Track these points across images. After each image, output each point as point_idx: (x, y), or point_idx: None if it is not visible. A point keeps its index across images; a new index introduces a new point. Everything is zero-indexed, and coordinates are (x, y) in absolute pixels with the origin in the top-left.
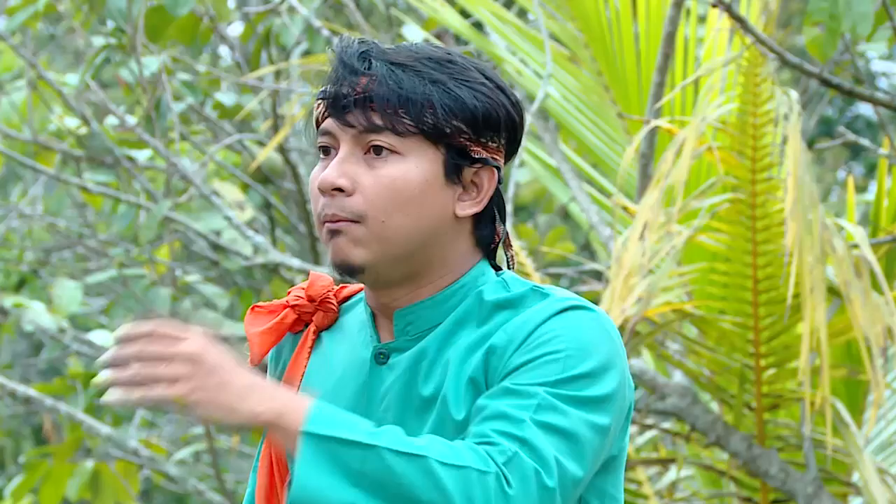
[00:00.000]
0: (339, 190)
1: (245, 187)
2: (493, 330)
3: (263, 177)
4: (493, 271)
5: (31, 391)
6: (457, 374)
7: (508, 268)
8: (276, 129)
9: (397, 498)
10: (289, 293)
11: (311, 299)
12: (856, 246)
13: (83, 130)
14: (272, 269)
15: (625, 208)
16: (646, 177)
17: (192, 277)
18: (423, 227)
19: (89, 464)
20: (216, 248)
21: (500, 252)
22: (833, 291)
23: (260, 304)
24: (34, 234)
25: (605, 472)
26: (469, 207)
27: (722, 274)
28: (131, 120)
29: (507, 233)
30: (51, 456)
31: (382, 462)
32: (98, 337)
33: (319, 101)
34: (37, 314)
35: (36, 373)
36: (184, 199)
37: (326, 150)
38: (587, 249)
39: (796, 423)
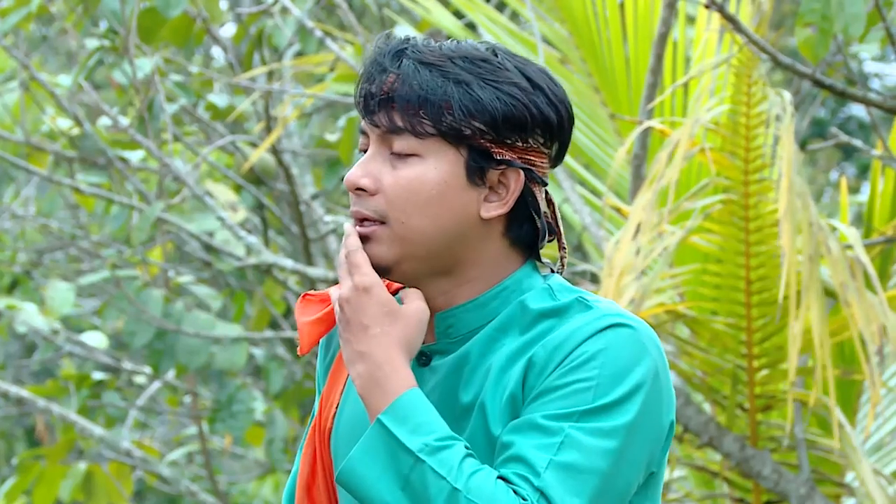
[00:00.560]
0: (363, 189)
1: (238, 188)
2: (534, 339)
3: (256, 178)
4: (539, 276)
5: (24, 392)
6: (496, 385)
7: (558, 271)
8: (268, 130)
9: None
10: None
11: None
12: (849, 247)
13: (76, 131)
14: (265, 270)
15: (617, 209)
16: (639, 178)
17: (185, 278)
18: (444, 228)
19: (82, 465)
20: (209, 249)
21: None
22: (827, 292)
23: (311, 292)
24: (27, 235)
25: (644, 487)
26: (494, 209)
27: (714, 275)
28: (124, 121)
29: (559, 234)
30: (44, 457)
31: (423, 478)
32: (91, 338)
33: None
34: (29, 315)
35: (28, 374)
36: (176, 200)
37: (365, 149)
38: (580, 251)
39: (789, 424)
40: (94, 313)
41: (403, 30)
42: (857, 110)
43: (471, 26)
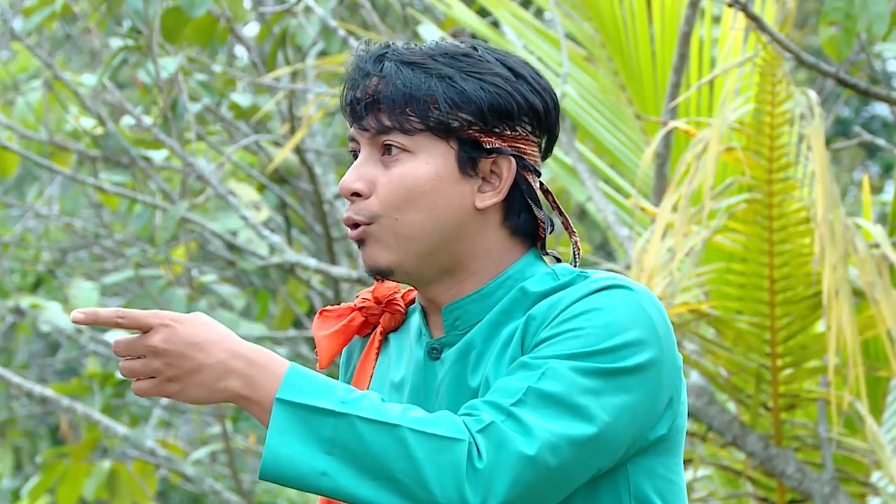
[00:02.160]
0: (358, 194)
1: (261, 187)
2: (540, 318)
3: (279, 177)
4: (543, 264)
5: (48, 391)
6: (499, 360)
7: (574, 259)
8: (292, 130)
9: (369, 466)
10: (357, 296)
11: (377, 301)
12: (875, 245)
13: (99, 131)
14: (288, 269)
15: (642, 209)
16: (661, 177)
17: (208, 277)
18: (440, 222)
19: (106, 464)
20: (232, 248)
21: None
22: (855, 291)
23: (328, 308)
24: (50, 234)
25: (653, 453)
26: (489, 198)
27: (738, 274)
28: (147, 120)
29: (565, 221)
30: (68, 456)
31: (354, 430)
32: (114, 337)
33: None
34: (53, 314)
35: (52, 373)
36: (200, 199)
37: (356, 156)
38: (603, 249)
39: (813, 423)
40: None
41: (427, 28)
42: (881, 109)
43: (495, 24)
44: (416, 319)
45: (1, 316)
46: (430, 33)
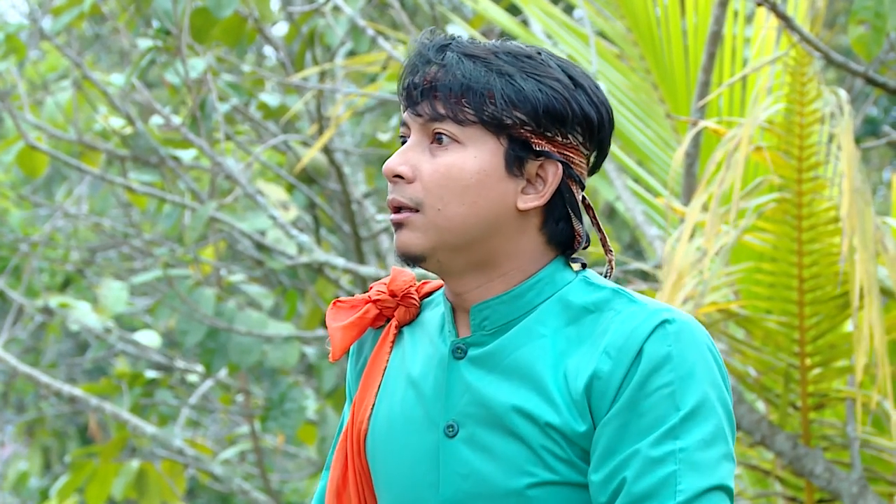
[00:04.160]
0: (401, 177)
1: (290, 187)
2: (582, 336)
3: (308, 177)
4: (571, 271)
5: (77, 391)
6: (553, 381)
7: (607, 275)
8: (321, 129)
9: None
10: (370, 288)
11: (392, 294)
12: None
13: (128, 130)
14: (317, 269)
15: (672, 208)
16: (691, 176)
17: (237, 277)
18: (481, 217)
19: (135, 463)
20: (261, 247)
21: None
22: (884, 291)
23: (342, 299)
24: (79, 233)
25: None
26: (531, 201)
27: (768, 274)
28: (176, 120)
29: (604, 239)
30: (96, 455)
31: None
32: (143, 337)
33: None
34: (82, 314)
35: (81, 372)
36: (229, 199)
37: (404, 141)
38: (632, 248)
39: (842, 423)
40: (147, 312)
41: (456, 28)
42: None
43: (524, 23)
44: (433, 314)
45: (30, 315)
46: (460, 33)
